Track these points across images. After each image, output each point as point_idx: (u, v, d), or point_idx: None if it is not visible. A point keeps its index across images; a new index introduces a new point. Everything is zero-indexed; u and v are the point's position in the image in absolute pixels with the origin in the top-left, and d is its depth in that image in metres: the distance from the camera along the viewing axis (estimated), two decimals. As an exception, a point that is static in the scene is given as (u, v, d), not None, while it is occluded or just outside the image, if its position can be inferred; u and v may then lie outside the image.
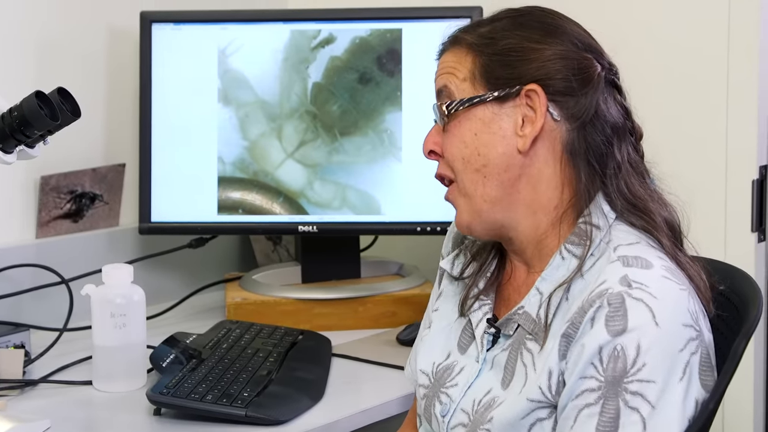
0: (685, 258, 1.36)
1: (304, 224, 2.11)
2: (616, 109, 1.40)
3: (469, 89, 1.39)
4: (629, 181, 1.38)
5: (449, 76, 1.41)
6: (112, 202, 2.23)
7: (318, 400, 1.72)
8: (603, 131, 1.37)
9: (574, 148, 1.37)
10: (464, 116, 1.39)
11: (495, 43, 1.38)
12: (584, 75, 1.37)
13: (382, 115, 2.10)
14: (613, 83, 1.41)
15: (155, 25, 2.12)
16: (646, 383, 1.23)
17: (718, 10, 1.96)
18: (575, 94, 1.36)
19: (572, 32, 1.40)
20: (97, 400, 1.75)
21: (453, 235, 1.59)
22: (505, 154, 1.37)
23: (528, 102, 1.36)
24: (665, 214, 1.39)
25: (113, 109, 2.24)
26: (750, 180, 1.97)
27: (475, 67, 1.39)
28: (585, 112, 1.36)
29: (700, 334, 1.28)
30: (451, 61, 1.41)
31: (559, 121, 1.37)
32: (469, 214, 1.41)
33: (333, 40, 2.11)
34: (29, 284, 2.05)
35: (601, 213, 1.36)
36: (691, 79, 2.01)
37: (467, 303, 1.47)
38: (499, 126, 1.37)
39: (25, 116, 1.53)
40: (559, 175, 1.38)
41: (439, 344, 1.50)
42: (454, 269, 1.52)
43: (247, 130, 2.12)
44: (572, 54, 1.37)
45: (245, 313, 2.09)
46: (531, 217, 1.39)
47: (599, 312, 1.26)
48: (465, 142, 1.39)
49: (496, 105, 1.37)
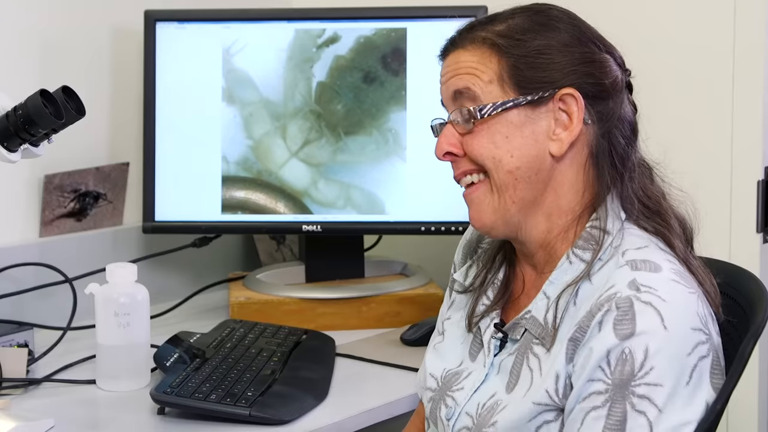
0: (696, 262, 1.36)
1: (308, 224, 2.11)
2: (629, 109, 1.40)
3: (497, 92, 1.36)
4: (642, 180, 1.38)
5: (471, 78, 1.37)
6: (116, 201, 2.23)
7: (322, 400, 1.72)
8: (624, 133, 1.37)
9: (600, 151, 1.36)
10: (494, 119, 1.36)
11: (522, 44, 1.35)
12: (611, 78, 1.36)
13: (386, 114, 2.09)
14: (628, 85, 1.41)
15: (159, 23, 2.12)
16: (654, 387, 1.23)
17: (723, 10, 1.96)
18: (606, 97, 1.36)
19: (592, 33, 1.39)
20: (101, 399, 1.75)
21: (465, 246, 1.58)
22: (537, 157, 1.36)
23: (561, 106, 1.35)
24: (677, 212, 1.38)
25: (117, 108, 2.24)
26: (755, 181, 1.96)
27: (501, 68, 1.36)
28: (613, 114, 1.36)
29: (710, 338, 1.28)
30: (471, 61, 1.37)
31: (590, 124, 1.36)
32: (494, 213, 1.38)
33: (337, 39, 2.11)
34: (33, 283, 2.05)
35: (613, 216, 1.35)
36: (697, 79, 2.00)
37: (474, 318, 1.46)
38: (531, 130, 1.36)
39: (30, 115, 1.53)
40: (582, 179, 1.37)
41: (454, 352, 1.49)
42: (467, 281, 1.51)
43: (252, 129, 2.12)
44: (598, 56, 1.37)
45: (249, 312, 2.09)
46: (546, 220, 1.38)
47: (607, 315, 1.25)
48: (495, 143, 1.36)
49: (529, 109, 1.35)
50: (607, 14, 1.58)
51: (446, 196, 1.44)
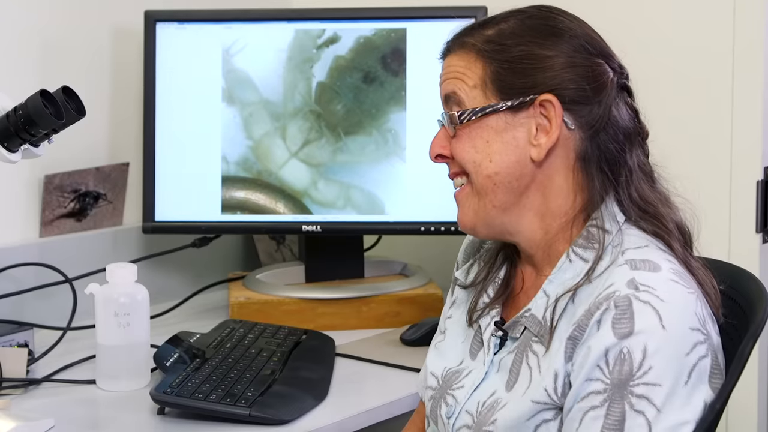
0: (696, 263, 1.35)
1: (307, 224, 2.11)
2: (626, 113, 1.38)
3: (480, 97, 1.37)
4: (640, 186, 1.37)
5: (458, 82, 1.38)
6: (116, 201, 2.23)
7: (322, 400, 1.72)
8: (616, 138, 1.36)
9: (587, 156, 1.36)
10: (476, 124, 1.37)
11: (506, 49, 1.36)
12: (598, 82, 1.35)
13: (386, 114, 2.10)
14: (624, 87, 1.40)
15: (159, 24, 2.12)
16: (652, 386, 1.23)
17: (722, 11, 1.96)
18: (589, 102, 1.35)
19: (583, 35, 1.38)
20: (101, 399, 1.75)
21: (468, 245, 1.58)
22: (518, 162, 1.36)
23: (542, 111, 1.35)
24: (676, 218, 1.38)
25: (117, 108, 2.24)
26: (755, 181, 1.97)
27: (485, 73, 1.36)
28: (599, 119, 1.35)
29: (708, 338, 1.28)
30: (458, 66, 1.39)
31: (573, 129, 1.35)
32: (475, 215, 1.40)
33: (337, 39, 2.11)
34: (33, 283, 2.05)
35: (612, 218, 1.35)
36: (696, 80, 2.00)
37: (475, 314, 1.46)
38: (512, 135, 1.36)
39: (30, 115, 1.53)
40: (571, 183, 1.37)
41: (455, 350, 1.49)
42: (469, 278, 1.52)
43: (251, 129, 2.12)
44: (584, 61, 1.36)
45: (249, 312, 2.09)
46: (539, 222, 1.39)
47: (606, 314, 1.26)
48: (476, 148, 1.37)
49: (509, 114, 1.36)
50: (605, 16, 1.58)
51: (446, 197, 1.45)
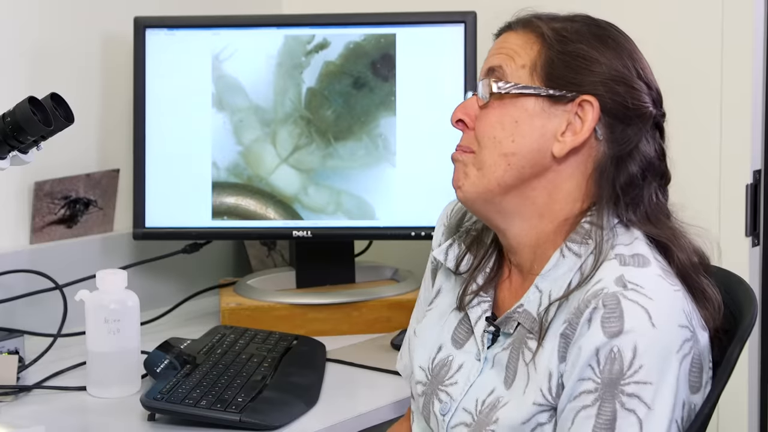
0: (706, 281, 1.36)
1: (298, 229, 2.11)
2: (654, 150, 1.39)
3: (525, 77, 1.37)
4: (651, 211, 1.38)
5: (507, 59, 1.39)
6: (107, 208, 2.23)
7: (312, 406, 1.72)
8: (638, 165, 1.37)
9: (604, 172, 1.37)
10: (511, 101, 1.37)
11: (567, 42, 1.37)
12: (639, 107, 1.37)
13: (376, 120, 2.10)
14: (658, 125, 1.41)
15: (149, 30, 2.12)
16: (643, 385, 1.24)
17: (711, 15, 1.97)
18: (625, 121, 1.36)
19: (639, 60, 1.40)
20: (91, 406, 1.75)
21: (445, 226, 1.58)
22: (538, 151, 1.36)
23: (579, 111, 1.36)
24: (691, 243, 1.39)
25: (107, 115, 2.24)
26: (744, 184, 1.97)
27: (539, 58, 1.37)
28: (627, 142, 1.37)
29: (694, 335, 1.29)
30: (514, 44, 1.40)
31: (600, 140, 1.36)
32: (477, 189, 1.39)
33: (327, 45, 2.11)
34: (23, 290, 2.05)
35: (606, 217, 1.36)
36: (685, 84, 2.00)
37: (465, 298, 1.46)
38: (542, 123, 1.36)
39: (18, 122, 1.53)
40: (582, 191, 1.38)
41: (432, 337, 1.49)
42: (449, 260, 1.51)
43: (241, 135, 2.12)
44: (635, 84, 1.38)
45: (240, 318, 2.09)
46: (535, 219, 1.39)
47: (595, 313, 1.26)
48: (502, 124, 1.37)
49: (547, 102, 1.36)
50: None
51: (436, 202, 1.45)
